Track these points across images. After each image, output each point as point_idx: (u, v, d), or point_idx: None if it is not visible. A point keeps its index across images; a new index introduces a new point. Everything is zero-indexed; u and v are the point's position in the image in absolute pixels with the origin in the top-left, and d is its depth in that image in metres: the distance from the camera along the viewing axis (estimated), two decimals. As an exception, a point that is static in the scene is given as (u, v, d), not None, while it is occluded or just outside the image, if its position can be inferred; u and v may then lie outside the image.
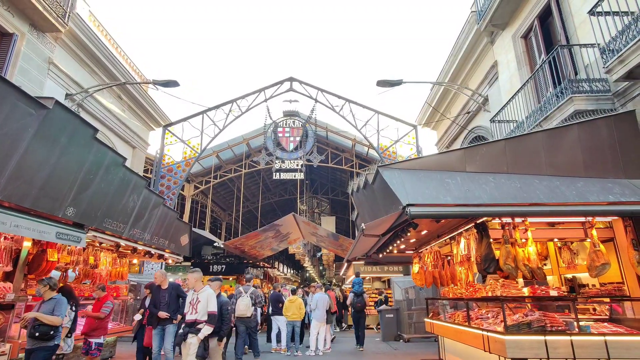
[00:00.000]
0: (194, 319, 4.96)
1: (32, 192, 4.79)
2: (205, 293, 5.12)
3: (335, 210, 28.85)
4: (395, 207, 4.91)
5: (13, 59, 8.11)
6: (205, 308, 4.99)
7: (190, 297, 5.17)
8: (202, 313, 4.98)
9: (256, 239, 16.54)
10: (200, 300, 5.04)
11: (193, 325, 4.94)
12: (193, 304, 5.04)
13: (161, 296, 6.36)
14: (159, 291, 6.44)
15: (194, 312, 4.99)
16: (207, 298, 5.05)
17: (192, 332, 4.87)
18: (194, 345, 4.77)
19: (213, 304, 5.06)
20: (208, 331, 4.89)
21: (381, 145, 14.90)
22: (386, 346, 10.67)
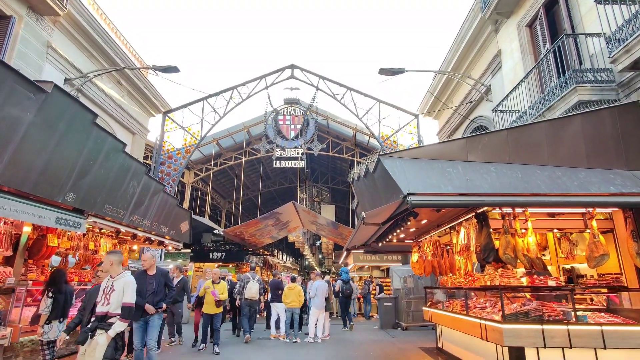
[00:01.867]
0: (105, 312, 4.04)
1: (31, 177, 4.76)
2: (122, 280, 4.15)
3: (335, 199, 28.89)
4: (395, 196, 4.90)
5: (11, 42, 8.00)
6: (120, 299, 4.06)
7: (104, 285, 4.23)
8: (116, 305, 4.04)
9: (256, 226, 16.58)
10: (114, 289, 4.08)
11: (104, 319, 4.02)
12: (106, 293, 4.12)
13: (147, 283, 5.44)
14: (144, 277, 5.50)
15: (106, 303, 4.06)
16: (124, 286, 4.11)
17: (102, 328, 3.94)
18: (102, 345, 3.85)
19: (130, 294, 4.11)
20: (121, 327, 3.96)
21: (382, 134, 14.83)
22: (384, 334, 10.79)
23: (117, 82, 12.08)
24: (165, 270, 5.79)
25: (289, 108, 16.65)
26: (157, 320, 5.42)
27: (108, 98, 11.58)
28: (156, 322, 5.39)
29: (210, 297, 7.80)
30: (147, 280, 5.47)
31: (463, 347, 6.64)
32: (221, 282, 8.15)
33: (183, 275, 9.11)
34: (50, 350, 5.39)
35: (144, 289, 5.33)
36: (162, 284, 5.56)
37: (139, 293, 5.01)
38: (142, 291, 5.27)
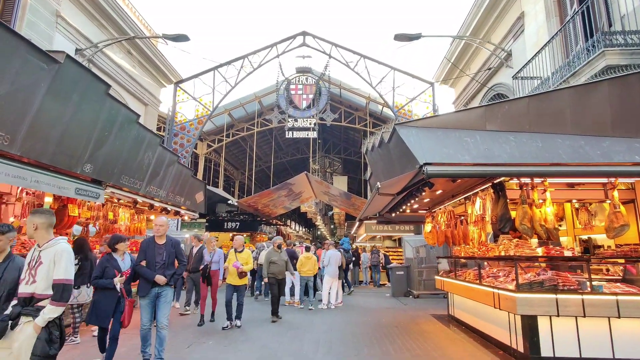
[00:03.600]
0: (31, 293, 2.88)
1: (49, 149, 4.83)
2: (52, 250, 2.97)
3: (348, 170, 28.84)
4: (411, 166, 4.83)
5: (20, 12, 7.92)
6: (50, 275, 2.91)
7: (29, 257, 3.02)
8: (45, 284, 2.89)
9: (269, 197, 16.75)
10: (42, 262, 2.92)
11: (29, 302, 2.88)
12: (31, 268, 2.93)
13: (157, 253, 4.70)
14: (153, 246, 4.74)
15: (30, 281, 2.89)
16: (54, 257, 2.93)
17: (28, 314, 2.83)
18: (28, 337, 2.78)
19: (64, 266, 2.93)
20: (53, 313, 2.84)
21: (396, 103, 14.51)
22: (396, 302, 11.02)
23: (127, 52, 11.96)
24: (176, 239, 4.97)
25: (301, 77, 16.35)
26: (170, 295, 4.72)
27: (119, 68, 11.51)
28: (169, 297, 4.69)
29: (234, 268, 6.99)
30: (157, 250, 4.72)
31: (475, 315, 6.74)
32: (244, 251, 7.25)
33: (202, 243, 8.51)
34: (79, 313, 5.67)
35: (153, 259, 4.64)
36: (173, 255, 4.77)
37: (148, 264, 4.60)
38: (151, 262, 4.63)
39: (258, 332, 6.68)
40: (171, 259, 4.73)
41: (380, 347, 5.74)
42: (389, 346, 5.82)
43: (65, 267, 2.93)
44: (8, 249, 3.19)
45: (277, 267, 7.91)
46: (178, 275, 4.78)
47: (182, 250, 4.98)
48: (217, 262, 7.71)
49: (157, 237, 4.77)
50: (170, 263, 4.70)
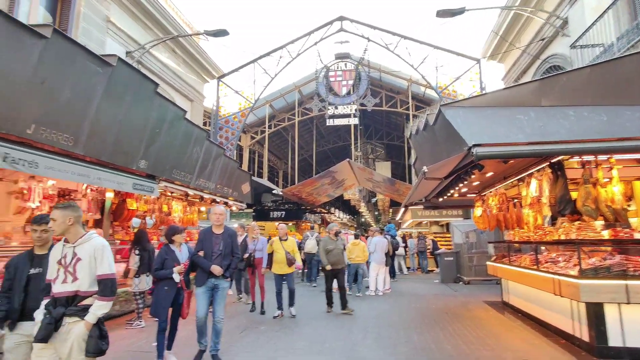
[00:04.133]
0: (74, 291, 2.71)
1: (108, 147, 5.18)
2: (90, 245, 2.79)
3: (390, 155, 28.32)
4: (459, 148, 4.62)
5: (75, 21, 8.47)
6: (93, 271, 2.75)
7: (57, 254, 2.79)
8: (89, 280, 2.74)
9: (312, 186, 16.90)
10: (80, 258, 2.74)
11: (72, 302, 2.71)
12: (66, 266, 2.73)
13: (214, 243, 4.54)
14: (210, 236, 4.59)
15: (70, 280, 2.71)
16: (95, 253, 2.77)
17: (73, 314, 2.67)
18: (80, 336, 2.65)
19: (108, 261, 2.81)
20: (104, 309, 2.74)
21: (440, 83, 13.92)
22: (446, 288, 10.76)
23: (172, 51, 12.45)
24: (233, 230, 4.85)
25: (340, 63, 16.15)
26: (226, 288, 4.62)
27: (165, 67, 12.02)
28: (225, 290, 4.61)
29: (280, 256, 6.79)
30: (214, 239, 4.56)
31: (532, 302, 6.42)
32: (289, 239, 7.05)
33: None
34: (142, 300, 6.10)
35: (210, 249, 4.49)
36: (229, 245, 4.60)
37: (205, 254, 4.50)
38: (208, 252, 4.49)
39: (308, 318, 6.81)
40: (228, 250, 4.56)
41: (430, 334, 5.64)
42: (440, 333, 5.71)
43: (110, 262, 2.83)
44: (51, 241, 3.18)
45: (333, 256, 7.29)
46: (233, 269, 4.65)
47: (237, 242, 4.83)
48: (261, 250, 7.55)
49: (215, 226, 4.62)
50: (227, 253, 4.54)
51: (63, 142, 4.44)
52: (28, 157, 4.12)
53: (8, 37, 3.67)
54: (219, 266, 4.42)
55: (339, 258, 7.38)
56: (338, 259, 7.33)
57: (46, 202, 5.82)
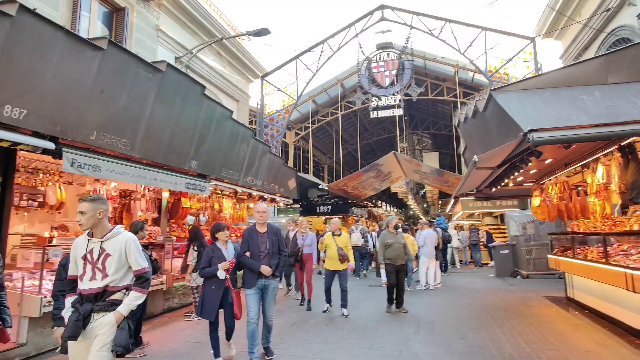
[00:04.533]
0: (102, 287, 2.62)
1: (161, 150, 5.47)
2: (120, 240, 2.70)
3: (438, 146, 27.36)
4: (513, 135, 4.33)
5: (129, 32, 9.03)
6: (124, 265, 2.69)
7: (81, 248, 2.69)
8: (119, 275, 2.66)
9: (358, 179, 16.77)
10: (110, 254, 2.65)
11: (101, 297, 2.62)
12: (94, 261, 2.63)
13: (260, 242, 4.36)
14: (255, 235, 4.41)
15: (101, 276, 2.62)
16: (126, 247, 2.69)
17: (102, 310, 2.58)
18: (110, 325, 2.55)
19: (141, 254, 2.77)
20: (139, 299, 2.69)
21: (489, 67, 13.17)
22: (502, 282, 10.23)
23: (217, 53, 12.88)
24: (277, 227, 4.59)
25: (382, 53, 15.80)
26: (276, 287, 4.45)
27: (211, 70, 12.48)
28: (275, 290, 4.44)
29: (332, 252, 6.55)
30: (259, 239, 4.39)
31: (600, 298, 5.90)
32: (342, 234, 6.80)
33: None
34: (198, 293, 6.42)
35: (256, 249, 4.34)
36: (276, 244, 4.42)
37: (252, 254, 4.35)
38: (255, 251, 4.34)
39: (359, 312, 6.79)
40: (275, 248, 4.38)
41: (487, 331, 5.38)
42: (498, 330, 5.43)
43: (142, 255, 2.78)
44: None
45: (393, 251, 6.75)
46: (282, 267, 4.51)
47: (283, 239, 4.64)
48: (310, 246, 7.35)
49: (259, 224, 4.42)
50: (274, 252, 4.37)
51: (121, 146, 4.76)
52: (92, 161, 4.46)
53: (71, 51, 3.98)
54: (268, 266, 4.25)
55: (400, 253, 6.75)
56: (399, 254, 6.73)
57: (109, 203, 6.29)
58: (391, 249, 6.75)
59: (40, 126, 3.87)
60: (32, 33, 3.65)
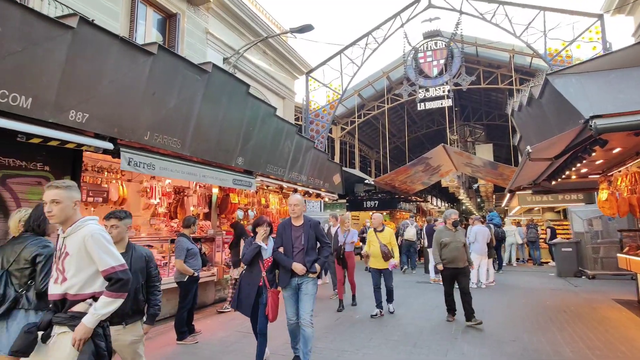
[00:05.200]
0: (62, 294, 2.14)
1: (210, 147, 5.71)
2: (81, 234, 2.17)
3: (492, 137, 25.93)
4: (572, 123, 3.98)
5: (180, 36, 9.50)
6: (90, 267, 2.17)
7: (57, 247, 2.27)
8: (79, 280, 2.14)
9: (405, 174, 16.37)
10: (69, 252, 2.16)
11: (62, 307, 2.15)
12: (57, 261, 2.19)
13: (293, 236, 4.01)
14: (290, 229, 4.06)
15: (60, 279, 2.15)
16: (85, 242, 2.14)
17: (61, 322, 2.09)
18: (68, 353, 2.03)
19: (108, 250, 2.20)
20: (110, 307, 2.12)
21: (549, 50, 12.18)
22: (564, 282, 9.49)
23: (263, 52, 13.17)
24: (315, 220, 4.18)
25: (429, 43, 15.24)
26: (311, 287, 4.00)
27: (258, 69, 12.79)
28: (310, 289, 3.98)
29: (375, 249, 6.12)
30: (293, 233, 4.01)
31: (682, 304, 5.26)
32: (385, 230, 6.28)
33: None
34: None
35: (289, 244, 3.97)
36: (313, 238, 4.03)
37: (285, 250, 3.96)
38: (288, 247, 3.97)
39: (404, 309, 6.65)
40: (311, 243, 3.99)
41: (544, 334, 5.02)
42: (557, 334, 5.05)
43: (110, 250, 2.18)
44: (127, 238, 3.02)
45: (450, 251, 5.72)
46: (324, 259, 4.08)
47: (322, 230, 4.20)
48: (352, 243, 7.02)
49: (294, 218, 4.09)
50: (310, 248, 3.98)
51: (173, 145, 5.03)
52: (146, 160, 4.76)
53: (125, 58, 4.27)
54: (301, 263, 3.89)
55: (459, 254, 5.72)
56: (457, 255, 5.71)
57: (165, 199, 6.72)
58: (448, 249, 5.75)
59: (101, 128, 4.19)
60: (91, 42, 3.95)
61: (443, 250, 5.80)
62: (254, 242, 3.97)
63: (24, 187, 4.27)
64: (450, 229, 5.93)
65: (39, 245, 2.83)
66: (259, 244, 3.93)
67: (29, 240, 2.85)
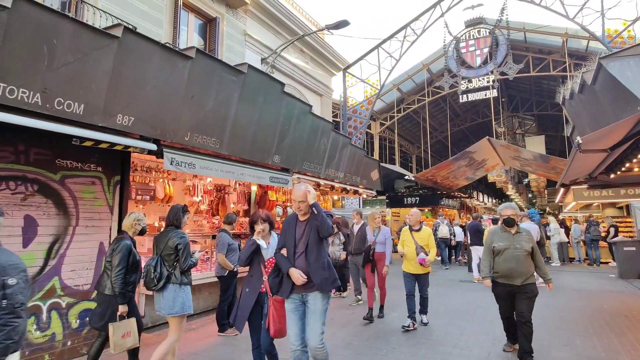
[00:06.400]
0: None
1: (247, 146, 5.86)
2: None
3: (544, 128, 24.34)
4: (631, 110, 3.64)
5: (220, 39, 9.81)
6: None
7: None
8: None
9: (448, 169, 15.83)
10: None
11: None
12: None
13: (297, 235, 3.19)
14: (293, 226, 3.24)
15: None
16: None
17: None
18: None
19: None
20: None
21: (608, 31, 11.19)
22: (625, 284, 8.73)
23: (300, 51, 13.27)
24: (327, 211, 3.31)
25: (472, 31, 14.57)
26: (320, 303, 3.06)
27: (295, 67, 12.90)
28: (319, 305, 3.05)
29: (410, 251, 5.34)
30: (297, 230, 3.20)
31: None
32: (423, 229, 5.48)
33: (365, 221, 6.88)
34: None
35: (292, 244, 3.16)
36: (315, 232, 3.12)
37: (288, 252, 3.17)
38: (290, 248, 3.17)
39: (445, 307, 6.43)
40: (314, 239, 3.13)
41: (600, 340, 4.65)
42: (614, 340, 4.66)
43: None
44: None
45: (506, 261, 4.10)
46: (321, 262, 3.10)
47: (327, 220, 3.09)
48: (383, 243, 5.98)
49: (300, 214, 3.25)
50: (313, 245, 3.13)
51: (212, 145, 5.22)
52: (187, 159, 4.98)
53: (166, 63, 4.48)
54: (303, 269, 3.04)
55: (517, 266, 4.04)
56: (514, 268, 4.04)
57: (206, 197, 6.99)
58: (502, 258, 4.14)
59: (145, 131, 4.43)
60: (135, 50, 4.18)
61: (495, 258, 4.23)
62: (250, 239, 3.45)
63: (80, 186, 4.63)
64: (507, 230, 4.29)
65: (178, 237, 3.75)
66: (255, 241, 3.37)
67: (171, 233, 3.78)
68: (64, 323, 4.31)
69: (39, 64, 3.46)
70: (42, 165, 4.28)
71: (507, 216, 4.32)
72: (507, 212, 4.36)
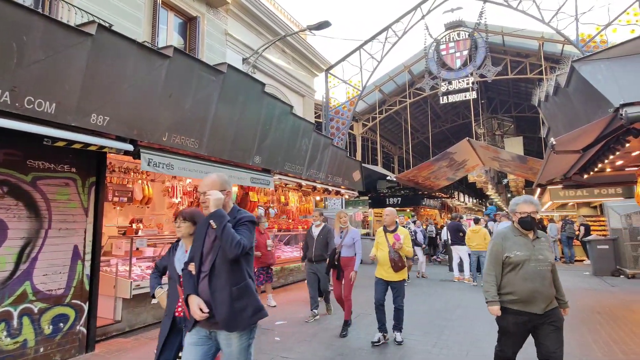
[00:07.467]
0: None
1: (227, 147, 5.78)
2: None
3: (522, 130, 24.97)
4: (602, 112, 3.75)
5: (200, 39, 9.67)
6: None
7: None
8: None
9: (429, 169, 16.05)
10: None
11: None
12: None
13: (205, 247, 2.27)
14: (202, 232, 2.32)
15: None
16: None
17: None
18: None
19: None
20: None
21: (582, 36, 11.56)
22: (599, 282, 9.02)
23: (282, 51, 13.21)
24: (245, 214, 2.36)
25: (452, 34, 14.83)
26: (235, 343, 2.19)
27: (277, 68, 12.84)
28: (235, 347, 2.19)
29: (383, 254, 4.60)
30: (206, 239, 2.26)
31: None
32: (399, 230, 4.72)
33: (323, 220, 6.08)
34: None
35: (199, 258, 2.25)
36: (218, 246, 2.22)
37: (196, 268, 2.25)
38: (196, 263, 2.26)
39: (426, 306, 6.50)
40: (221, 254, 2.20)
41: (574, 337, 4.77)
42: (588, 336, 4.79)
43: None
44: None
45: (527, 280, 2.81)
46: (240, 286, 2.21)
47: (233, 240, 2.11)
48: (351, 246, 5.30)
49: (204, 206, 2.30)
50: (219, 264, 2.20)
51: (190, 145, 5.12)
52: (165, 160, 4.87)
53: (143, 61, 4.37)
54: (205, 298, 2.18)
55: (541, 286, 2.83)
56: (538, 289, 2.81)
57: (185, 198, 6.87)
58: (522, 275, 2.85)
59: (121, 131, 4.32)
60: (110, 48, 4.07)
61: (509, 274, 2.91)
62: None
63: (53, 187, 4.46)
64: (523, 233, 2.93)
65: None
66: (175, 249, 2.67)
67: None
68: (36, 329, 4.14)
69: (8, 62, 3.32)
70: (12, 166, 4.10)
71: (526, 214, 2.90)
72: (525, 208, 2.93)
